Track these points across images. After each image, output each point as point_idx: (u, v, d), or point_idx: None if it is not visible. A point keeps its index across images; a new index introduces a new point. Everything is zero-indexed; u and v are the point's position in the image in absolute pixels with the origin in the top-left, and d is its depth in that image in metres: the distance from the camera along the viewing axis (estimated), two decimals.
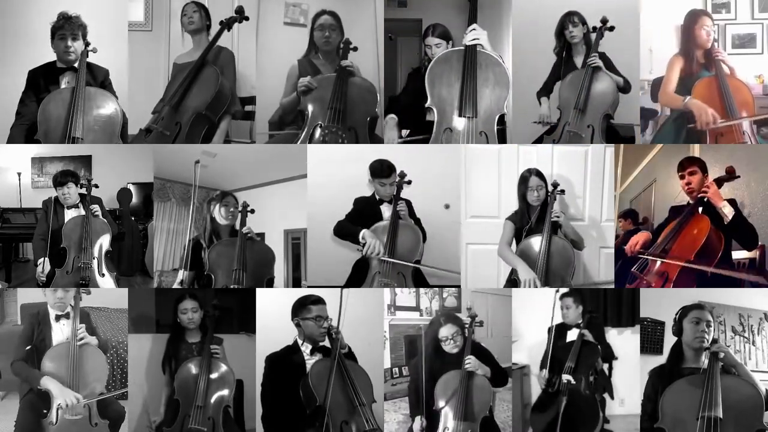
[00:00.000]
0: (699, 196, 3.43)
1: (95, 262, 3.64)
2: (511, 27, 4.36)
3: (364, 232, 3.51)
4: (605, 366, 3.61)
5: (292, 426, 3.03)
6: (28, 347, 3.23)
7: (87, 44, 3.78)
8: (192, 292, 3.46)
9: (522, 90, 4.15)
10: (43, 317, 3.30)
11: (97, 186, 3.81)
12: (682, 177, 3.56)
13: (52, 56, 3.79)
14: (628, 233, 4.12)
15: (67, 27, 3.72)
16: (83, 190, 3.77)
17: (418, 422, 3.18)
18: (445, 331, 3.23)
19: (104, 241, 3.71)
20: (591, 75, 3.71)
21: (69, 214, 3.72)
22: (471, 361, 3.13)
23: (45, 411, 3.08)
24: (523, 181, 3.64)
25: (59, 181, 3.74)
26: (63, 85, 3.74)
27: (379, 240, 3.50)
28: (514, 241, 3.68)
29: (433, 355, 3.24)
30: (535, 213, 3.64)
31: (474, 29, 3.37)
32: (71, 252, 3.62)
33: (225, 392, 3.28)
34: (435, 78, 3.54)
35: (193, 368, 3.29)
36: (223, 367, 3.32)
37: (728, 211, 3.35)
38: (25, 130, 3.73)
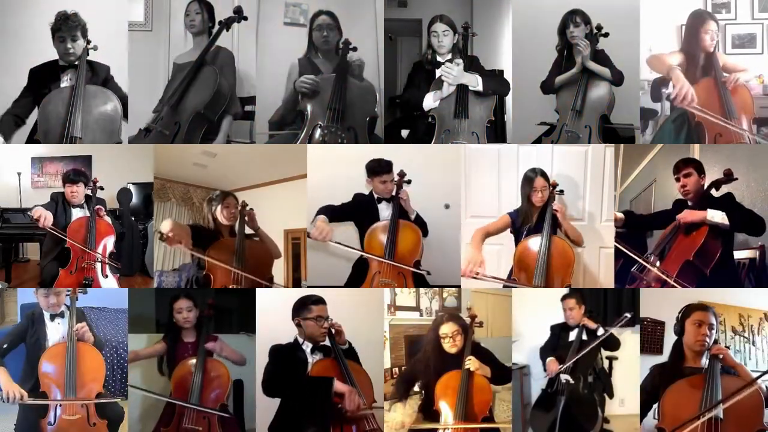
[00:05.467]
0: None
1: (99, 263, 3.63)
2: (511, 26, 4.36)
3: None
4: (607, 360, 3.62)
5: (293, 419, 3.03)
6: (5, 345, 3.24)
7: (87, 42, 3.78)
8: (187, 292, 3.45)
9: (522, 90, 4.15)
10: (38, 316, 3.31)
11: (102, 188, 3.81)
12: (677, 179, 3.55)
13: (53, 53, 3.79)
14: None
15: (65, 29, 3.72)
16: (89, 191, 3.75)
17: None
18: (446, 328, 3.23)
19: (109, 243, 3.71)
20: (586, 83, 3.92)
21: (75, 213, 3.71)
22: (471, 361, 3.13)
23: (43, 411, 3.08)
24: (528, 181, 3.60)
25: (71, 178, 3.69)
26: (64, 82, 3.75)
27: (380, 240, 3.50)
28: (513, 239, 3.68)
29: (435, 353, 3.24)
30: (536, 213, 3.64)
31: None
32: (75, 252, 3.60)
33: (220, 391, 3.27)
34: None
35: (189, 367, 3.29)
36: (220, 367, 3.32)
37: (720, 218, 3.33)
38: (12, 124, 3.75)
